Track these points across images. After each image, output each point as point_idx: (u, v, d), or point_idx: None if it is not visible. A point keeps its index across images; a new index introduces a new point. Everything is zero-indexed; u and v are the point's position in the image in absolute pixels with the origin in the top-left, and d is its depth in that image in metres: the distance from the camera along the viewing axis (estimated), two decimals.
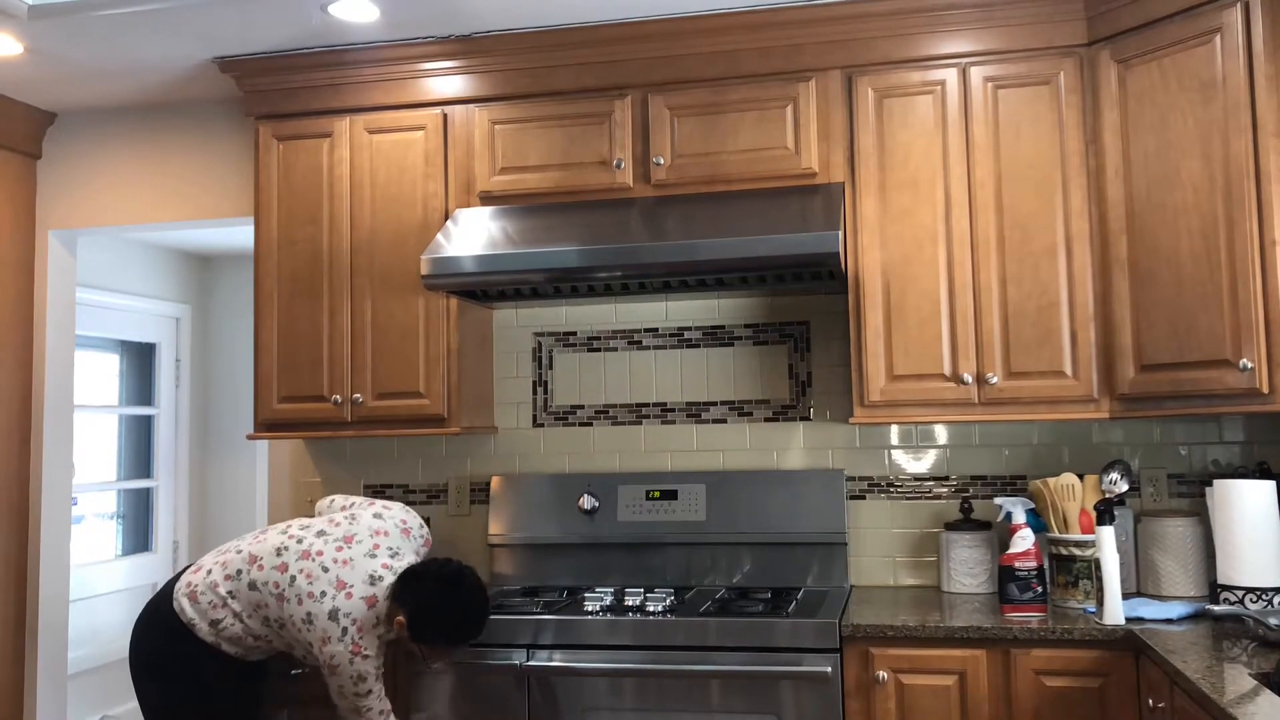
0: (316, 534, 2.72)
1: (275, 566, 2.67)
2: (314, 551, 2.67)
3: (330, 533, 2.72)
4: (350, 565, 2.65)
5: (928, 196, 3.01)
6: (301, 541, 2.70)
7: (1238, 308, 2.59)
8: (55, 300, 3.97)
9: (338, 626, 2.58)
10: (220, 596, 2.68)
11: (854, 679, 2.70)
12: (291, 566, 2.65)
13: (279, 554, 2.68)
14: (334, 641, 2.57)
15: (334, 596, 2.60)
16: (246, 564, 2.70)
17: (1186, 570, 2.96)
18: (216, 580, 2.70)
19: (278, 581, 2.64)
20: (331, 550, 2.67)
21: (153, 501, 5.58)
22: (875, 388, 3.01)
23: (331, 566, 2.64)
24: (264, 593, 2.65)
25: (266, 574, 2.67)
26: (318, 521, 2.78)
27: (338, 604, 2.59)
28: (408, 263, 3.31)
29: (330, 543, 2.69)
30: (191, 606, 2.69)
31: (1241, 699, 1.87)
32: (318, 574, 2.63)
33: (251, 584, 2.67)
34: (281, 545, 2.70)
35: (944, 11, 3.02)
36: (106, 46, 3.33)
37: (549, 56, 3.26)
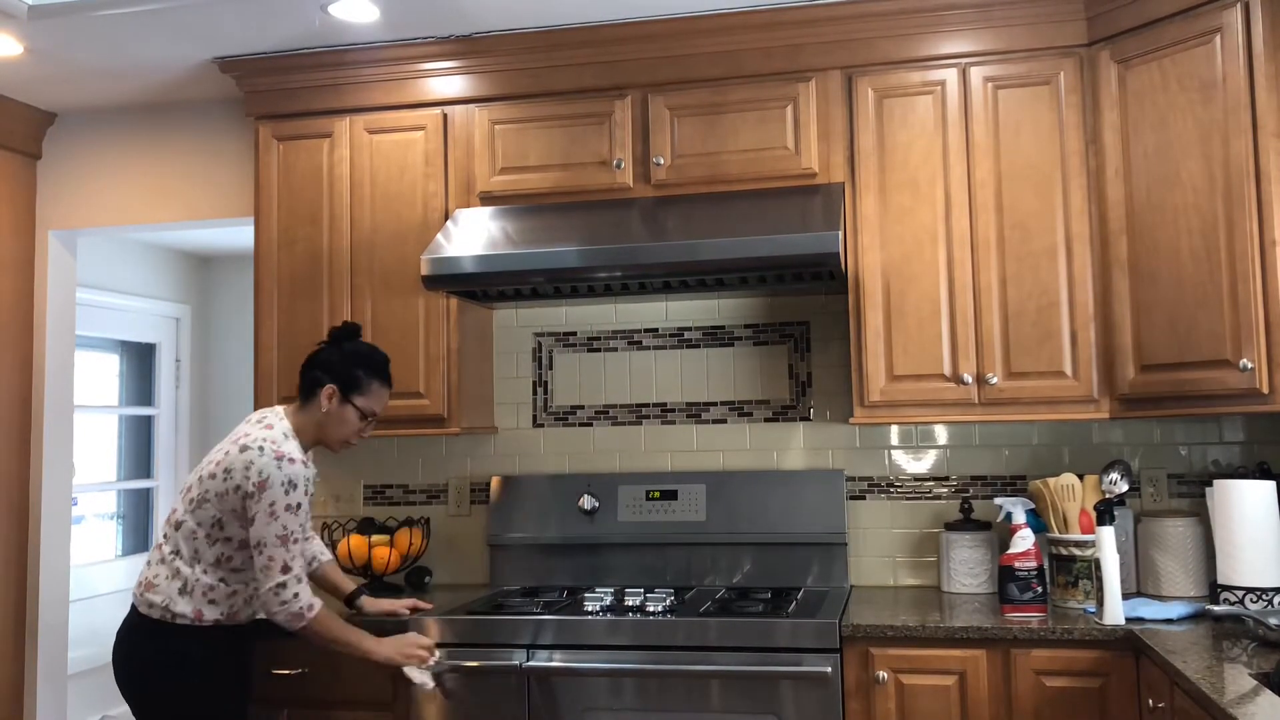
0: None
1: (184, 494, 2.68)
2: (205, 460, 2.71)
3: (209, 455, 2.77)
4: (233, 434, 2.70)
5: (928, 196, 3.02)
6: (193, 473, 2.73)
7: (1238, 308, 2.59)
8: (55, 300, 3.97)
9: (253, 450, 2.58)
10: (168, 566, 2.63)
11: (854, 679, 2.70)
12: (193, 480, 2.67)
13: (182, 495, 2.70)
14: (255, 460, 2.56)
15: (234, 445, 2.63)
16: (168, 527, 2.69)
17: (1186, 570, 2.96)
18: (156, 558, 2.67)
19: (191, 498, 2.64)
20: (215, 447, 2.73)
21: (153, 502, 5.58)
22: (875, 388, 3.01)
23: (221, 445, 2.69)
24: (190, 515, 2.62)
25: (182, 505, 2.66)
26: None
27: (240, 443, 2.62)
28: (408, 263, 3.31)
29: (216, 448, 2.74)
30: (153, 594, 2.63)
31: (1241, 699, 1.87)
32: (213, 456, 2.67)
33: (177, 524, 2.65)
34: (182, 490, 2.72)
35: (944, 12, 3.02)
36: (106, 46, 3.33)
37: (549, 56, 3.26)
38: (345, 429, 2.75)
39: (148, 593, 2.63)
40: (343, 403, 2.71)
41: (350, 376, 2.72)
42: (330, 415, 2.72)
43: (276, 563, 2.55)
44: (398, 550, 3.40)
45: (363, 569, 3.38)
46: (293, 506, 2.57)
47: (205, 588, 2.62)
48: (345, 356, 2.74)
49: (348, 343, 2.78)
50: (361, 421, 2.75)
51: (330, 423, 2.73)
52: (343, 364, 2.73)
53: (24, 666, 3.81)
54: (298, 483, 2.58)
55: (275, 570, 2.55)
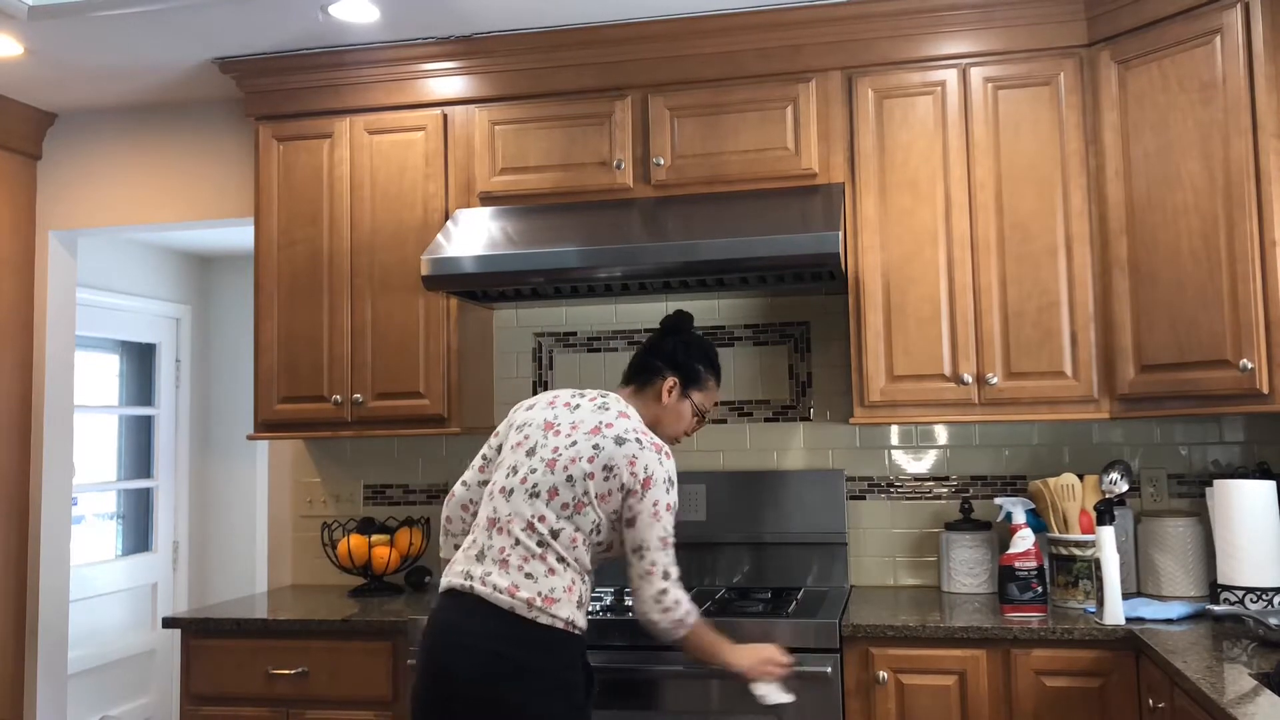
0: (527, 456, 2.43)
1: (548, 498, 2.35)
2: (551, 454, 2.40)
3: (535, 440, 2.44)
4: (582, 423, 2.43)
5: (928, 197, 3.02)
6: (534, 470, 2.39)
7: (1238, 308, 2.59)
8: (55, 301, 3.97)
9: (631, 443, 2.36)
10: (562, 580, 2.32)
11: (854, 679, 2.70)
12: (559, 480, 2.36)
13: (534, 495, 2.37)
14: (638, 454, 2.34)
15: (602, 438, 2.38)
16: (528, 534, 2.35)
17: (1186, 570, 2.97)
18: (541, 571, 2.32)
19: (565, 502, 2.34)
20: (560, 440, 2.42)
21: (153, 501, 5.57)
22: (875, 388, 3.01)
23: (576, 438, 2.40)
24: (568, 522, 2.33)
25: (552, 511, 2.35)
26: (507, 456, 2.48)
27: (609, 435, 2.37)
28: (408, 263, 3.31)
29: (550, 438, 2.43)
30: (558, 608, 2.30)
31: (1241, 699, 1.87)
32: (577, 452, 2.37)
33: (553, 532, 2.34)
34: (530, 490, 2.38)
35: (944, 12, 3.02)
36: (106, 47, 3.33)
37: (549, 57, 3.26)
38: (680, 424, 2.60)
39: (549, 608, 2.30)
40: (682, 397, 2.57)
41: (692, 370, 2.58)
42: (668, 409, 2.56)
43: (659, 568, 2.33)
44: (398, 550, 3.40)
45: (363, 569, 3.38)
46: (673, 506, 2.37)
47: (588, 595, 2.41)
48: (686, 348, 2.59)
49: (678, 334, 2.63)
50: (694, 418, 2.61)
51: (667, 416, 2.57)
52: (686, 358, 2.58)
53: (24, 666, 3.81)
54: (675, 480, 2.40)
55: (657, 576, 2.33)
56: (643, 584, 2.34)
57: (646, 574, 2.34)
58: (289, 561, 3.73)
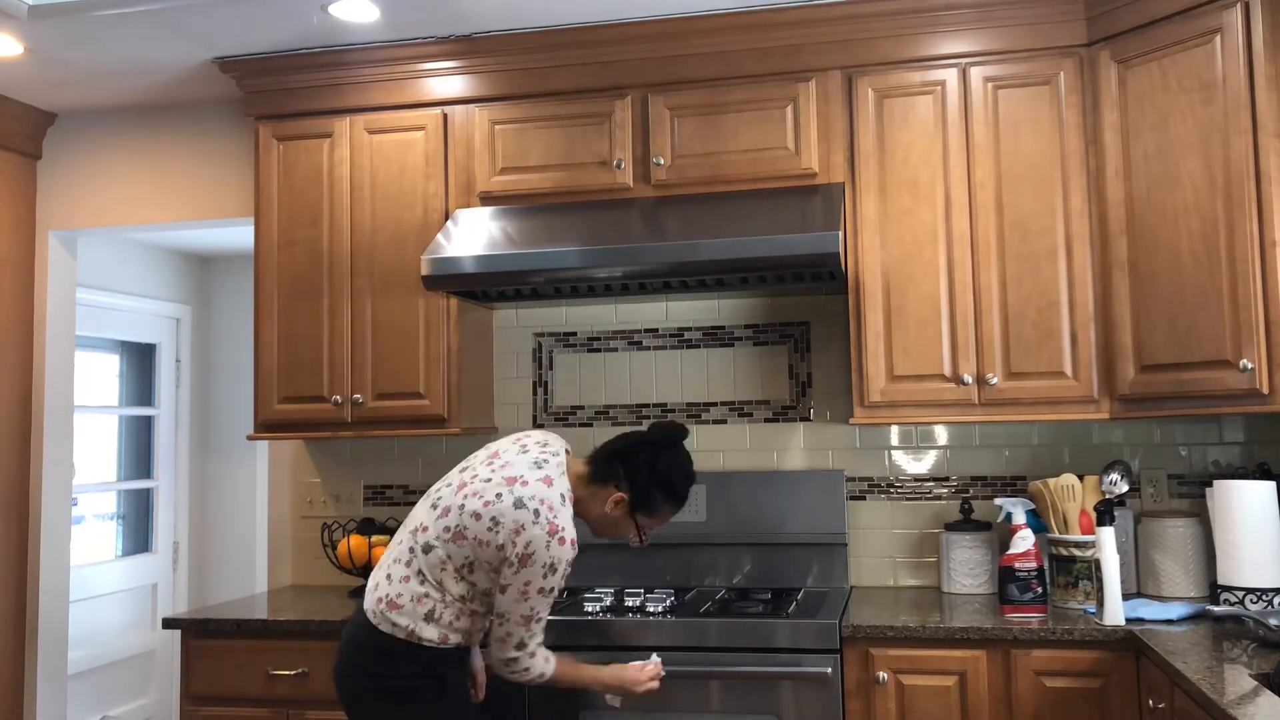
0: (459, 472, 2.52)
1: (439, 515, 2.43)
2: (468, 479, 2.46)
3: (471, 465, 2.53)
4: (510, 466, 2.46)
5: (928, 197, 3.01)
6: (450, 485, 2.49)
7: (1238, 308, 2.59)
8: (55, 300, 3.97)
9: (528, 512, 2.35)
10: (412, 588, 2.41)
11: (854, 679, 2.70)
12: (454, 503, 2.42)
13: (434, 508, 2.46)
14: (528, 527, 2.34)
15: (510, 490, 2.39)
16: (411, 538, 2.46)
17: (1187, 571, 2.96)
18: (399, 575, 2.44)
19: (447, 525, 2.40)
20: (484, 470, 2.47)
21: (153, 502, 5.57)
22: (875, 388, 3.01)
23: (493, 476, 2.44)
24: (442, 545, 2.40)
25: (435, 528, 2.42)
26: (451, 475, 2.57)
27: (517, 494, 2.38)
28: (408, 263, 3.31)
29: (479, 466, 2.50)
30: (397, 614, 2.41)
31: (1241, 700, 1.87)
32: (482, 488, 2.41)
33: (426, 546, 2.42)
34: (433, 502, 2.48)
35: (944, 12, 3.02)
36: (106, 47, 3.33)
37: (549, 57, 3.26)
38: (618, 532, 2.58)
39: (390, 612, 2.41)
40: (627, 515, 2.53)
41: (647, 497, 2.51)
42: (608, 517, 2.53)
43: (514, 639, 2.40)
44: None
45: (363, 569, 3.38)
46: (547, 590, 2.37)
47: (452, 617, 2.43)
48: (653, 473, 2.51)
49: (663, 455, 2.53)
50: (637, 533, 2.57)
51: (606, 523, 2.55)
52: (647, 481, 2.51)
53: (24, 666, 3.81)
54: (559, 567, 2.36)
55: (510, 645, 2.41)
56: (496, 645, 2.43)
57: (501, 640, 2.42)
58: (289, 562, 3.73)
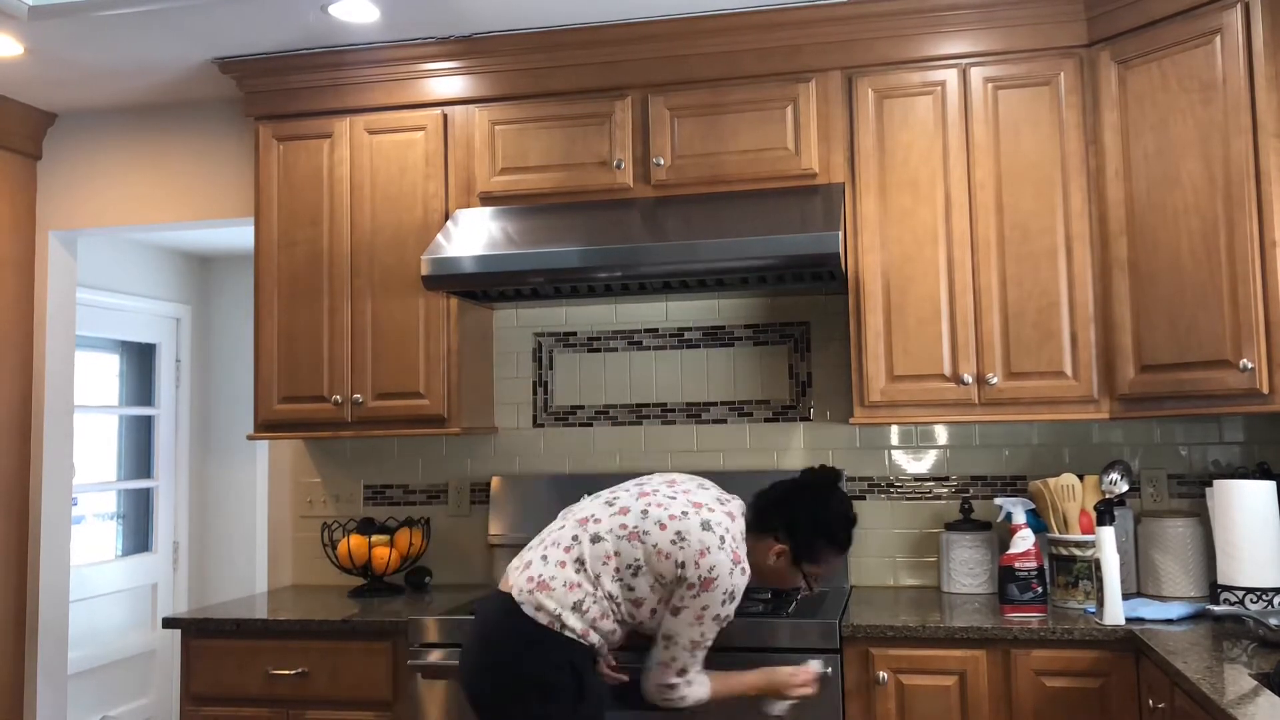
0: (634, 485, 2.49)
1: (616, 512, 2.39)
2: (649, 491, 2.44)
3: (648, 482, 2.50)
4: (693, 493, 2.44)
5: (928, 197, 3.02)
6: (627, 491, 2.46)
7: (1238, 308, 2.59)
8: (55, 300, 3.97)
9: (714, 535, 2.33)
10: (567, 573, 2.34)
11: (854, 679, 2.70)
12: (635, 506, 2.39)
13: (610, 504, 2.42)
14: (714, 550, 2.31)
15: (696, 513, 2.37)
16: (578, 526, 2.40)
17: (1186, 570, 2.96)
18: (556, 558, 2.36)
19: (624, 524, 2.36)
20: (666, 489, 2.45)
21: (153, 502, 5.57)
22: (875, 388, 3.01)
23: (677, 495, 2.42)
24: (613, 540, 2.35)
25: (609, 522, 2.38)
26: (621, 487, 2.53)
27: (704, 516, 2.36)
28: (408, 263, 3.31)
29: (659, 485, 2.47)
30: (545, 596, 2.32)
31: (1241, 699, 1.87)
32: (667, 502, 2.39)
33: (595, 537, 2.36)
34: (608, 500, 2.45)
35: (944, 12, 3.02)
36: (106, 47, 3.33)
37: (549, 57, 3.26)
38: (784, 582, 2.52)
39: (540, 593, 2.33)
40: (792, 565, 2.48)
41: (810, 547, 2.46)
42: (772, 569, 2.49)
43: (677, 664, 2.36)
44: (398, 550, 3.40)
45: (363, 569, 3.38)
46: (721, 618, 2.35)
47: (598, 613, 2.35)
48: (813, 523, 2.46)
49: (820, 502, 2.49)
50: (805, 582, 2.52)
51: (770, 574, 2.51)
52: (807, 531, 2.45)
53: (24, 666, 3.81)
54: (737, 596, 2.35)
55: (672, 672, 2.36)
56: (657, 671, 2.38)
57: (665, 664, 2.37)
58: (289, 562, 3.73)
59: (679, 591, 2.33)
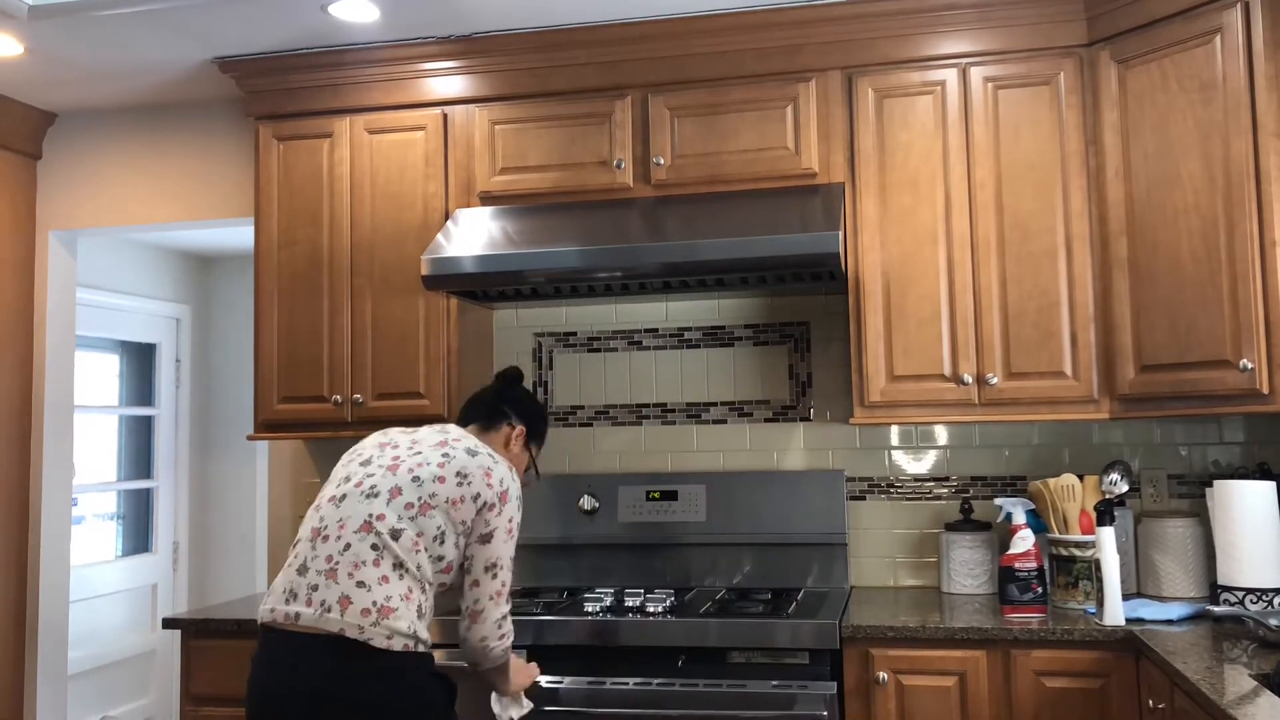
0: (362, 466, 2.32)
1: (389, 498, 2.23)
2: (392, 461, 2.30)
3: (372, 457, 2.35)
4: (422, 440, 2.36)
5: (928, 197, 3.01)
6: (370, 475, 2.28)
7: (1238, 308, 2.59)
8: (55, 300, 3.97)
9: (484, 454, 2.31)
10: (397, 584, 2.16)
11: (854, 680, 2.70)
12: (401, 481, 2.25)
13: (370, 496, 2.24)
14: (493, 466, 2.30)
15: (453, 448, 2.31)
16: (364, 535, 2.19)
17: (1187, 571, 2.96)
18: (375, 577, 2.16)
19: (409, 502, 2.22)
20: (400, 452, 2.33)
21: (153, 502, 5.57)
22: (875, 388, 3.01)
23: (420, 449, 2.32)
24: (410, 524, 2.20)
25: (392, 511, 2.21)
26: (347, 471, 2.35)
27: (462, 446, 2.32)
28: (408, 263, 3.31)
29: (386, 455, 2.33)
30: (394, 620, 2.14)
31: (1241, 700, 1.87)
32: (423, 459, 2.29)
33: (394, 532, 2.19)
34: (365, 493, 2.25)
35: (944, 12, 3.02)
36: (106, 47, 3.33)
37: (549, 57, 3.26)
38: (516, 469, 2.56)
39: (386, 619, 2.12)
40: (524, 448, 2.56)
41: (537, 425, 2.59)
42: (510, 456, 2.53)
43: (506, 589, 2.29)
44: None
45: None
46: (519, 527, 2.33)
47: (429, 609, 2.24)
48: (531, 403, 2.59)
49: (518, 389, 2.61)
50: (527, 472, 2.61)
51: (512, 460, 2.54)
52: (533, 411, 2.59)
53: (24, 666, 3.81)
54: (521, 502, 2.36)
55: (504, 599, 2.29)
56: (491, 606, 2.27)
57: (496, 595, 2.27)
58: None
59: (482, 518, 2.26)
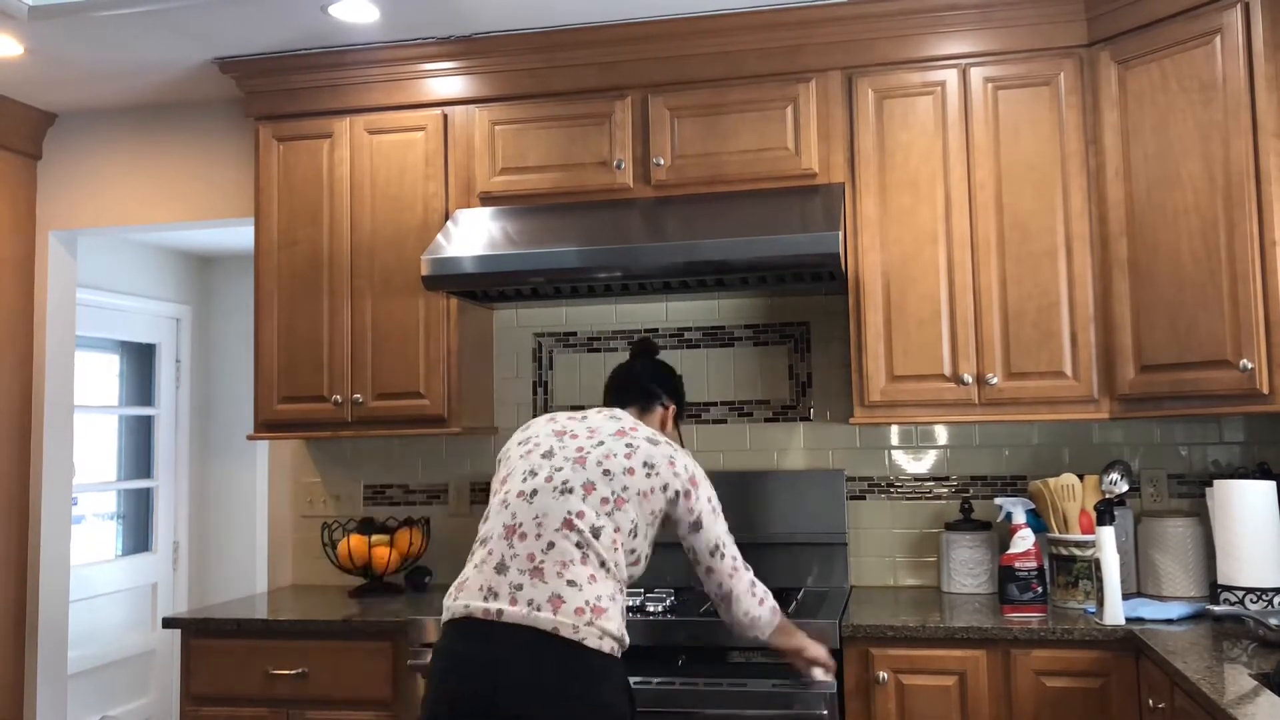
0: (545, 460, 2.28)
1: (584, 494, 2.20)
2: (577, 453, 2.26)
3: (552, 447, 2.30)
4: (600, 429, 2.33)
5: (928, 197, 3.02)
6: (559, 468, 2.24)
7: (1238, 308, 2.59)
8: (55, 300, 3.97)
9: (662, 442, 2.31)
10: (605, 588, 2.14)
11: (854, 679, 2.70)
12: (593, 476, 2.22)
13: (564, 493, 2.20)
14: (675, 453, 2.29)
15: (633, 436, 2.30)
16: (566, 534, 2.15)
17: (1187, 570, 2.97)
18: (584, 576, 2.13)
19: (604, 497, 2.19)
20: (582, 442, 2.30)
21: (153, 502, 5.57)
22: (875, 388, 3.01)
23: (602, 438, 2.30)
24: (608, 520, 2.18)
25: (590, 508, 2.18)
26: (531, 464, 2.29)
27: (642, 435, 2.32)
28: (408, 263, 3.31)
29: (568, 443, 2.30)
30: (606, 620, 2.12)
31: (1241, 699, 1.87)
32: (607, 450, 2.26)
33: (595, 530, 2.17)
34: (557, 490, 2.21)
35: (944, 12, 3.02)
36: (106, 47, 3.33)
37: (549, 57, 3.26)
38: None
39: (599, 619, 2.09)
40: (675, 425, 2.60)
41: (683, 403, 2.62)
42: (669, 433, 2.55)
43: (740, 561, 2.32)
44: (398, 550, 3.40)
45: (363, 569, 3.38)
46: (717, 498, 2.35)
47: (625, 610, 2.26)
48: (674, 378, 2.61)
49: (661, 364, 2.62)
50: (679, 438, 2.61)
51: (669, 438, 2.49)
52: (678, 388, 2.60)
53: (24, 666, 3.81)
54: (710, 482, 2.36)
55: (743, 570, 2.32)
56: (734, 582, 2.31)
57: (734, 571, 2.31)
58: (289, 562, 3.73)
59: (682, 506, 2.26)
